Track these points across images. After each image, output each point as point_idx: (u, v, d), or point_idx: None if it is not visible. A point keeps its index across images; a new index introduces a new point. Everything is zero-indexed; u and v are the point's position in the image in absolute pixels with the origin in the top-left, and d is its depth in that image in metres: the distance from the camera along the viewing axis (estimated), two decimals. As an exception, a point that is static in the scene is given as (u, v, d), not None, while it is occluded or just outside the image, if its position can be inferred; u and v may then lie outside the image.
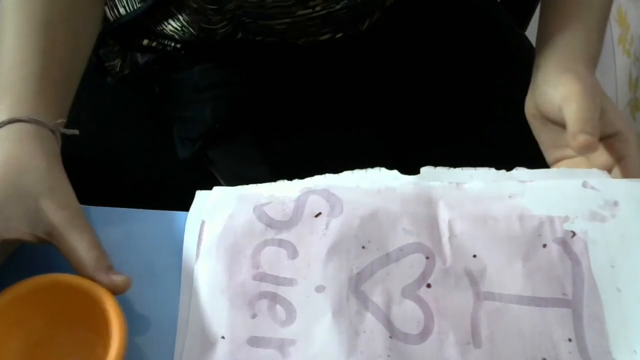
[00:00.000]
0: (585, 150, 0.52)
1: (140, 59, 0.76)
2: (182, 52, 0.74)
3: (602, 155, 0.56)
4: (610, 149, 0.56)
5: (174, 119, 0.78)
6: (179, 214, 0.56)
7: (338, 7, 0.65)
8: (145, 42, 0.75)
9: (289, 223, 0.53)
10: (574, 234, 0.51)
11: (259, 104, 0.74)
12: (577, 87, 0.54)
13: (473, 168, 0.56)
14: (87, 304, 0.46)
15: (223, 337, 0.49)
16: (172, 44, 0.74)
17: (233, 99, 0.74)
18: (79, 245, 0.47)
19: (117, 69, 0.77)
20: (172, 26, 0.69)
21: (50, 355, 0.48)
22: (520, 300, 0.49)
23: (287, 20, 0.66)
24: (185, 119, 0.76)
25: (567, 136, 0.53)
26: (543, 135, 0.59)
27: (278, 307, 0.50)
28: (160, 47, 0.75)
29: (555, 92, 0.56)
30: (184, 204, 0.56)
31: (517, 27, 0.86)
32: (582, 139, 0.52)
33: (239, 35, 0.69)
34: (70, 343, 0.48)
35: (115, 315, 0.45)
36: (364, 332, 0.48)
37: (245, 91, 0.74)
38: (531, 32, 0.89)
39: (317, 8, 0.65)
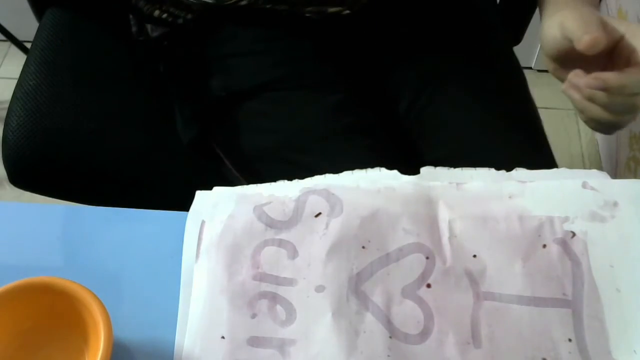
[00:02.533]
0: (593, 46, 0.54)
1: (152, 31, 0.77)
2: (192, 24, 0.75)
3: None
4: (620, 53, 0.57)
5: (178, 98, 0.79)
6: (179, 214, 0.56)
7: None
8: (157, 12, 0.76)
9: (289, 223, 0.53)
10: (573, 234, 0.51)
11: (265, 75, 0.75)
12: (569, 13, 0.57)
13: (473, 168, 0.56)
14: (76, 307, 0.47)
15: (223, 337, 0.49)
16: (183, 15, 0.75)
17: (240, 69, 0.75)
18: None
19: (134, 32, 0.80)
20: None
21: (37, 356, 0.48)
22: (520, 300, 0.49)
23: None
24: (190, 95, 0.77)
25: (575, 44, 0.55)
26: (565, 74, 0.60)
27: (278, 307, 0.50)
28: (170, 19, 0.76)
29: (552, 27, 0.58)
30: (184, 204, 0.56)
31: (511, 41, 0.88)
32: (587, 37, 0.54)
33: None
34: (58, 345, 0.49)
35: (102, 319, 0.45)
36: (364, 332, 0.48)
37: (252, 62, 0.76)
38: (528, 37, 0.90)
39: None
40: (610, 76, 0.54)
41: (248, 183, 0.58)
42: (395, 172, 0.56)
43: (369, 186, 0.55)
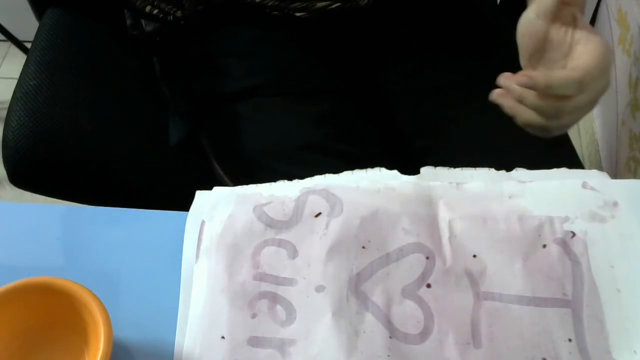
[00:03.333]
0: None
1: (146, 26, 0.78)
2: (182, 22, 0.75)
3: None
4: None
5: (170, 96, 0.79)
6: (179, 214, 0.56)
7: None
8: (148, 8, 0.76)
9: (289, 223, 0.53)
10: (573, 234, 0.51)
11: (251, 80, 0.75)
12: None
13: (473, 168, 0.56)
14: (76, 307, 0.47)
15: (223, 337, 0.49)
16: (173, 12, 0.75)
17: (227, 71, 0.75)
18: None
19: (129, 25, 0.80)
20: None
21: (37, 356, 0.48)
22: (520, 300, 0.49)
23: None
24: (181, 93, 0.77)
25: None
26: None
27: (278, 307, 0.50)
28: (161, 16, 0.76)
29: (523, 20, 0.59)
30: (184, 204, 0.56)
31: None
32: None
33: None
34: (58, 345, 0.49)
35: (102, 319, 0.45)
36: (364, 332, 0.48)
37: (240, 65, 0.76)
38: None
39: None
40: (537, 74, 0.55)
41: (234, 184, 0.58)
42: (395, 172, 0.56)
43: (369, 186, 0.55)
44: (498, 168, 0.56)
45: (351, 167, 0.58)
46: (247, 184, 0.57)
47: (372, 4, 0.73)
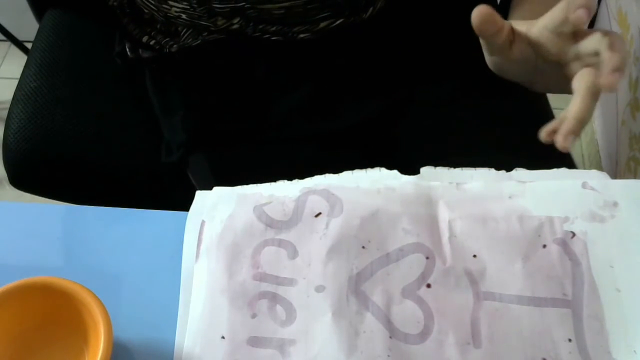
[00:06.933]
0: (583, 15, 0.50)
1: (142, 53, 0.77)
2: (177, 56, 0.74)
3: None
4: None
5: (163, 123, 0.78)
6: (179, 214, 0.56)
7: None
8: (145, 38, 0.76)
9: (289, 223, 0.53)
10: (573, 234, 0.51)
11: (245, 111, 0.74)
12: None
13: (473, 168, 0.56)
14: (76, 307, 0.47)
15: (223, 337, 0.49)
16: (169, 46, 0.74)
17: (220, 105, 0.74)
18: None
19: (128, 50, 0.79)
20: (177, 7, 0.68)
21: (37, 356, 0.48)
22: (520, 300, 0.49)
23: (286, 4, 0.66)
24: (172, 124, 0.76)
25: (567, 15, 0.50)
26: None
27: (278, 307, 0.50)
28: (157, 47, 0.75)
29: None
30: (184, 204, 0.56)
31: None
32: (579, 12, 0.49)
33: (237, 22, 0.69)
34: (58, 345, 0.49)
35: (102, 319, 0.45)
36: (364, 332, 0.48)
37: (234, 98, 0.74)
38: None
39: None
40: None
41: None
42: (395, 172, 0.56)
43: (369, 186, 0.55)
44: (498, 168, 0.56)
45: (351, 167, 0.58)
46: None
47: (375, 15, 0.72)
